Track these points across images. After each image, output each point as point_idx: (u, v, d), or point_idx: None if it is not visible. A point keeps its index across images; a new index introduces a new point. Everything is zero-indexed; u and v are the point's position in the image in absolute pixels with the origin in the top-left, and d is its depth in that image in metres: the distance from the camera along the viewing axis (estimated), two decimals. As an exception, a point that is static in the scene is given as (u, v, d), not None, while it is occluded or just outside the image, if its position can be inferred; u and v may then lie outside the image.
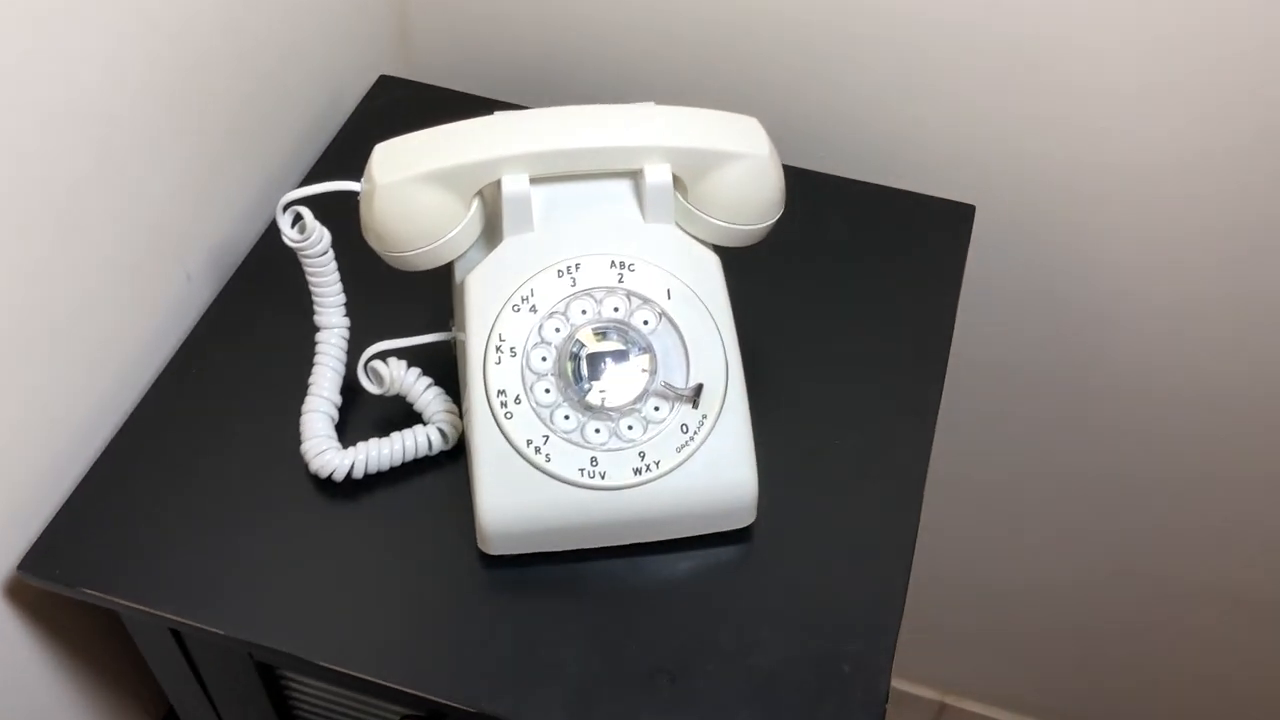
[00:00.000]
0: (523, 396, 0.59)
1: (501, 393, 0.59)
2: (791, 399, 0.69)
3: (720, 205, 0.64)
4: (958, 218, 0.79)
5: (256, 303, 0.73)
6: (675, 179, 0.63)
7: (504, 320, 0.60)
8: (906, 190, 0.81)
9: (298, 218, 0.64)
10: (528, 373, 0.60)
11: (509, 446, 0.59)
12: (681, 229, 0.64)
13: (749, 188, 0.64)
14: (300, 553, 0.62)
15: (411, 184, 0.61)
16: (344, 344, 0.67)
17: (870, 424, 0.68)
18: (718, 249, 0.65)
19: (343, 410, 0.67)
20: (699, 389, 0.60)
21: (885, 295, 0.75)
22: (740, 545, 0.63)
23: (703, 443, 0.60)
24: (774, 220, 0.66)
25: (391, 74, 0.88)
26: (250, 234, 0.77)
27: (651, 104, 0.65)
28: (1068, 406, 0.99)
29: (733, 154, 0.63)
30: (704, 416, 0.60)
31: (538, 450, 0.59)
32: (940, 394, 0.70)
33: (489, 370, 0.60)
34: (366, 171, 0.62)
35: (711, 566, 0.62)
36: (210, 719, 0.74)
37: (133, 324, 0.69)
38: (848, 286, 0.76)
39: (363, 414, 0.67)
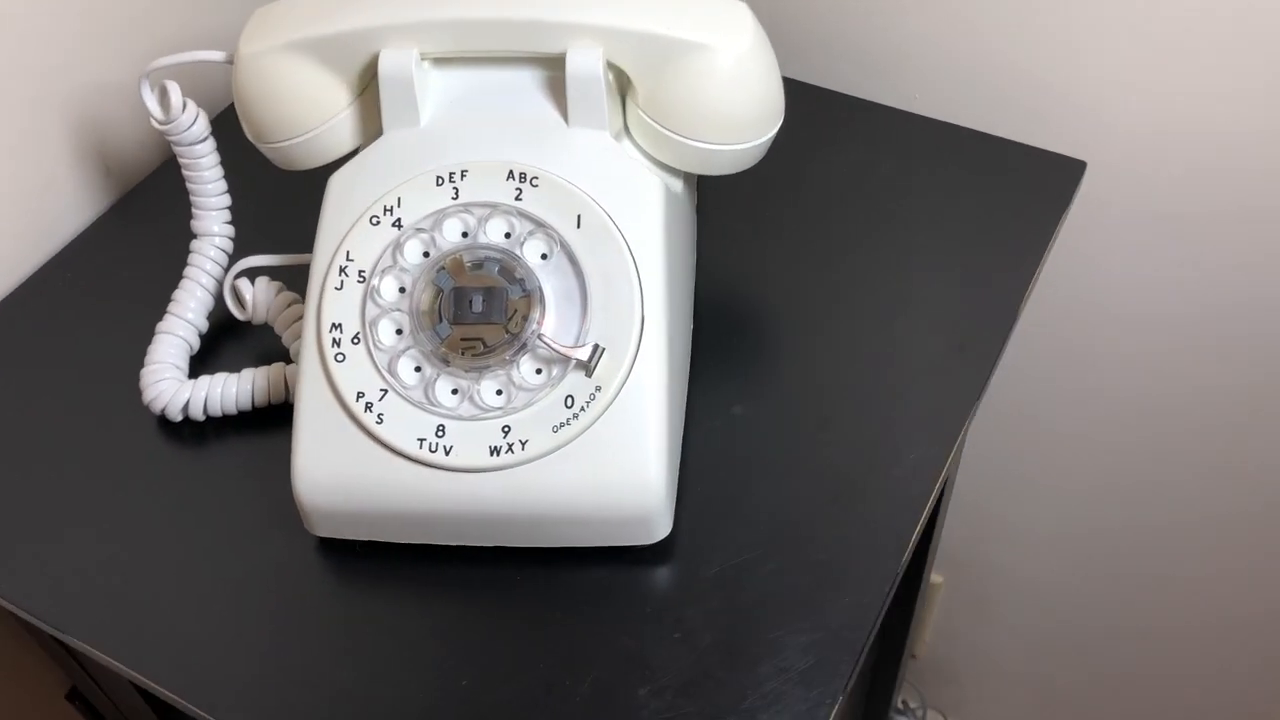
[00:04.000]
0: (362, 335, 0.45)
1: (336, 327, 0.46)
2: (768, 386, 0.52)
3: (677, 114, 0.48)
4: (1062, 175, 0.60)
5: (170, 205, 0.62)
6: (624, 76, 0.47)
7: (356, 234, 0.46)
8: (1006, 138, 0.62)
9: (165, 94, 0.52)
10: (371, 304, 0.46)
11: (335, 400, 0.45)
12: (631, 142, 0.49)
13: (716, 93, 0.47)
14: (117, 508, 0.50)
15: (278, 55, 0.48)
16: (223, 258, 0.55)
17: (869, 430, 0.50)
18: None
19: (214, 338, 0.55)
20: (596, 351, 0.44)
21: (939, 263, 0.56)
22: (644, 566, 0.47)
23: (592, 424, 0.44)
24: (759, 141, 0.49)
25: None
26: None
27: (608, -25, 0.49)
28: (1144, 440, 0.77)
29: (692, 44, 0.46)
30: (597, 389, 0.44)
31: (369, 407, 0.45)
32: (975, 405, 0.51)
33: (326, 297, 0.46)
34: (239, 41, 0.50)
35: (595, 589, 0.46)
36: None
37: (22, 213, 0.59)
38: (896, 246, 0.58)
39: (236, 345, 0.55)
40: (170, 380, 0.52)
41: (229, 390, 0.51)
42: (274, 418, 0.52)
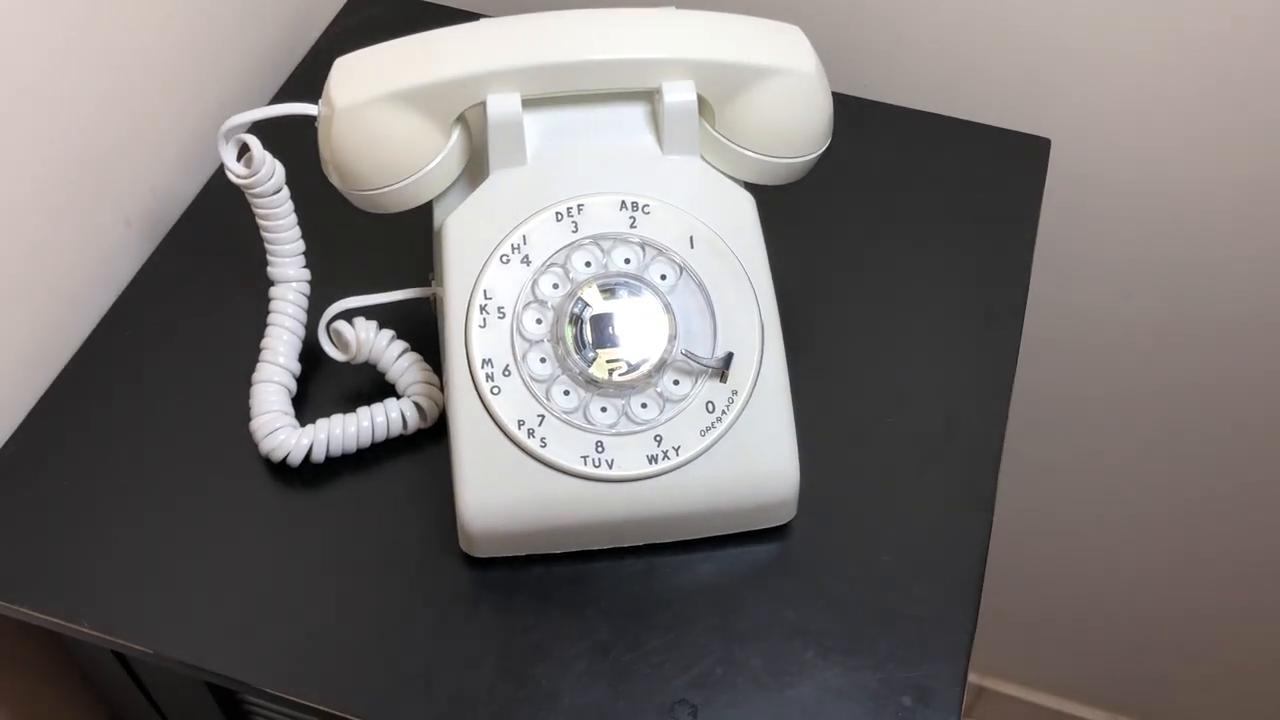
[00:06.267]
0: (513, 367, 0.49)
1: (487, 363, 0.49)
2: (836, 367, 0.58)
3: (755, 133, 0.52)
4: (1031, 153, 0.68)
5: (205, 253, 0.62)
6: (700, 101, 0.52)
7: (490, 274, 0.49)
8: (972, 121, 0.69)
9: (244, 149, 0.53)
10: (519, 339, 0.49)
11: (496, 429, 0.48)
12: (707, 163, 0.53)
13: (790, 112, 0.52)
14: (249, 553, 0.52)
15: (377, 106, 0.50)
16: (303, 301, 0.56)
17: (932, 397, 0.57)
18: (750, 187, 0.54)
19: (302, 380, 0.56)
20: (728, 359, 0.49)
21: (947, 243, 0.63)
22: (776, 544, 0.52)
23: (732, 424, 0.49)
24: (819, 152, 0.54)
25: (372, -13, 0.77)
26: (201, 173, 0.66)
27: (672, 8, 0.53)
28: (1150, 376, 0.87)
29: (771, 69, 0.51)
30: (734, 392, 0.49)
31: (531, 433, 0.48)
32: (1015, 361, 0.59)
33: (472, 335, 0.49)
34: (324, 92, 0.51)
35: (742, 571, 0.51)
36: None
37: (58, 278, 0.58)
38: (903, 232, 0.64)
39: (326, 385, 0.57)
40: (286, 428, 0.53)
41: (349, 430, 0.53)
42: (386, 451, 0.54)
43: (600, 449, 0.48)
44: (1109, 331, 0.86)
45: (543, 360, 0.49)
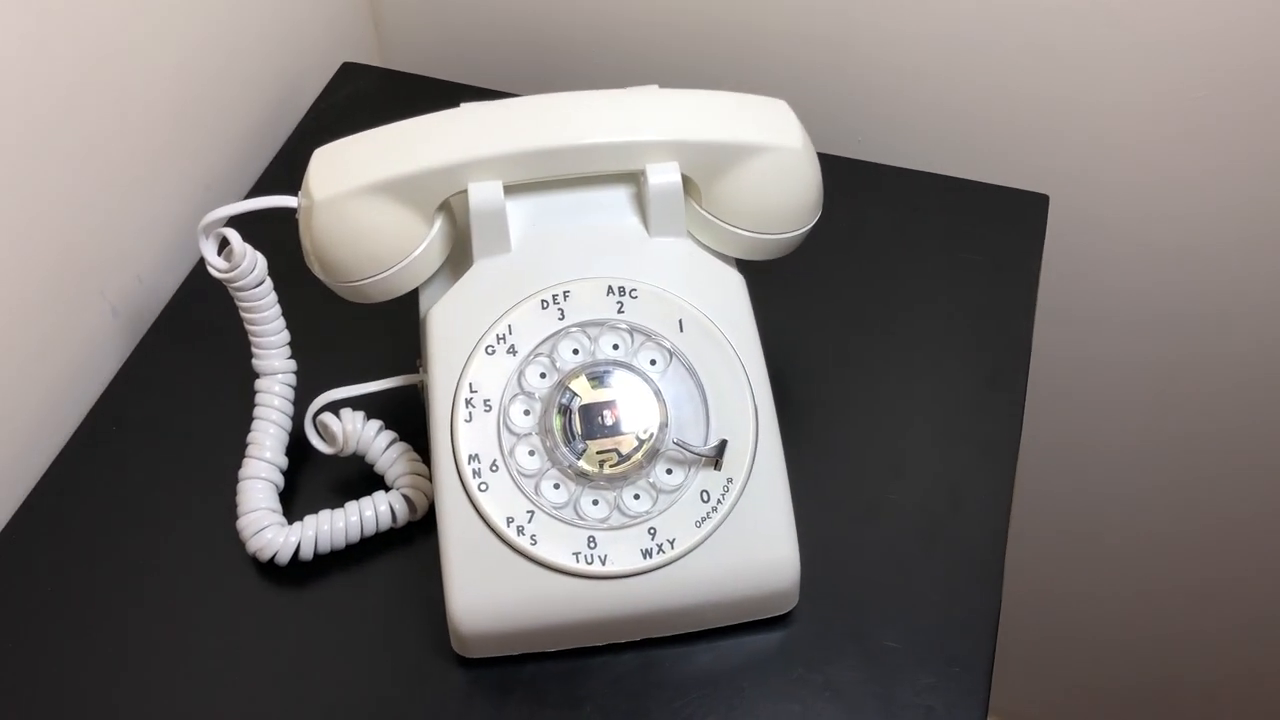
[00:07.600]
0: (500, 462, 0.47)
1: (474, 458, 0.47)
2: (835, 443, 0.57)
3: (743, 211, 0.51)
4: (1029, 210, 0.66)
5: (191, 343, 0.61)
6: (686, 180, 0.51)
7: (475, 366, 0.48)
8: (968, 179, 0.68)
9: (224, 243, 0.52)
10: (506, 432, 0.48)
11: (485, 527, 0.47)
12: (695, 242, 0.52)
13: (778, 188, 0.51)
14: (237, 657, 0.50)
15: (357, 198, 0.49)
16: (289, 393, 0.55)
17: (936, 469, 0.56)
18: (740, 263, 0.53)
19: (290, 473, 0.55)
20: (722, 446, 0.48)
21: (947, 306, 0.62)
22: (778, 633, 0.51)
23: (729, 513, 0.47)
24: (810, 226, 0.53)
25: (358, 60, 0.76)
26: (186, 260, 0.65)
27: (654, 87, 0.52)
28: (1157, 422, 0.86)
29: (756, 146, 0.50)
30: (729, 481, 0.48)
31: (521, 531, 0.47)
32: (1020, 429, 0.57)
33: (458, 430, 0.48)
34: (304, 184, 0.50)
35: (743, 663, 0.50)
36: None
37: (43, 368, 0.57)
38: (901, 296, 0.63)
39: (314, 477, 0.56)
40: (273, 526, 0.52)
41: (337, 527, 0.52)
42: (376, 545, 0.53)
43: (592, 544, 0.47)
44: (1113, 381, 0.85)
45: (531, 453, 0.48)
